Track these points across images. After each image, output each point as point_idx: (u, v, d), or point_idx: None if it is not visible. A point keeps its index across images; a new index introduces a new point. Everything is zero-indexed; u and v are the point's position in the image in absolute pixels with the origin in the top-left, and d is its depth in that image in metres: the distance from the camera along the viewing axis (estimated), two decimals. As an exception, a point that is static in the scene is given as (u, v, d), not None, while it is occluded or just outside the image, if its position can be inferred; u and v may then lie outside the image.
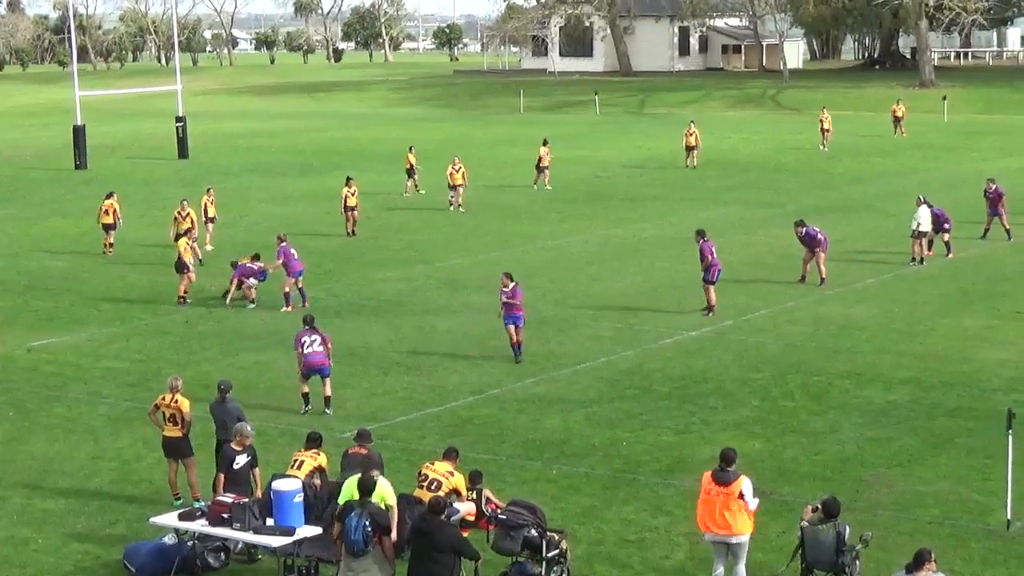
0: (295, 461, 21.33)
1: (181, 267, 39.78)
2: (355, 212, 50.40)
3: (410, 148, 64.21)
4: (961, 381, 30.10)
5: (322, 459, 21.45)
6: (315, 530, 19.75)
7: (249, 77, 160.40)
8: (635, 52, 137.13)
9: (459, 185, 56.26)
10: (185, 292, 39.65)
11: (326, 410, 28.13)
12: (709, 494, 18.97)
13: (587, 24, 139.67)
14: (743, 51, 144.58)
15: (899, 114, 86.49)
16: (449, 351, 33.34)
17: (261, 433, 24.97)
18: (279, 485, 19.94)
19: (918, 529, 21.55)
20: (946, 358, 31.96)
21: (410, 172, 62.06)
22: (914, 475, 24.26)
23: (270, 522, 19.82)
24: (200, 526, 20.24)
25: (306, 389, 28.35)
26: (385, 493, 18.92)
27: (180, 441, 23.16)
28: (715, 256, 36.69)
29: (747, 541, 18.99)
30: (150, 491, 24.02)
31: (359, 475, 18.89)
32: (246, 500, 20.00)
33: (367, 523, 17.90)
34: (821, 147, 77.72)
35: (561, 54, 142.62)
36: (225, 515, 19.93)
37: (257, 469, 21.39)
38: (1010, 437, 21.48)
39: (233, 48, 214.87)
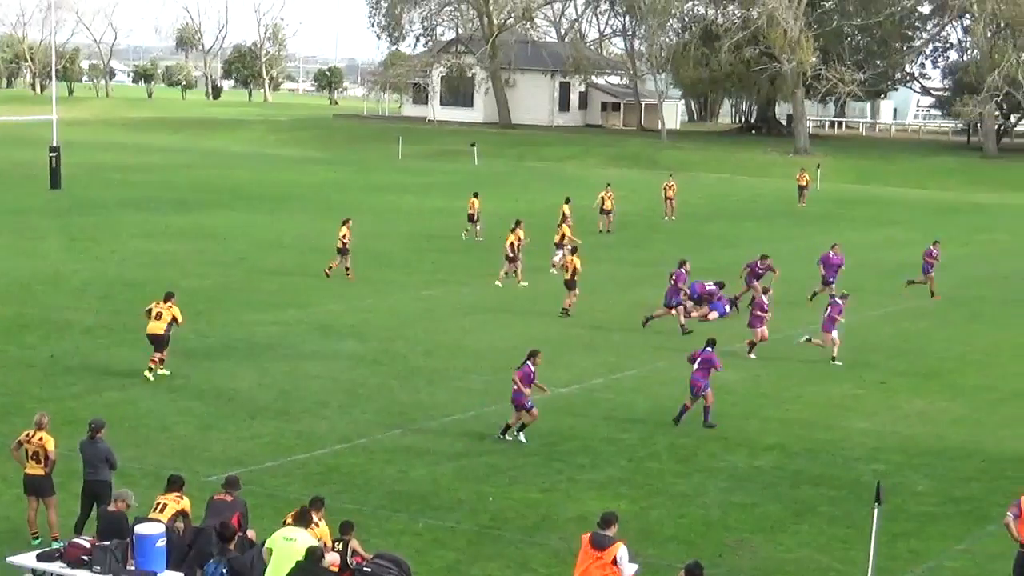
0: (157, 504, 21.04)
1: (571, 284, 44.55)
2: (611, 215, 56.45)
3: (475, 194, 64.82)
4: (825, 449, 30.44)
5: (185, 503, 21.18)
6: (176, 575, 19.50)
7: (126, 110, 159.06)
8: (515, 105, 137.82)
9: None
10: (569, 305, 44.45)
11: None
12: (586, 557, 18.95)
13: (469, 75, 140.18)
14: (622, 109, 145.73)
15: (803, 183, 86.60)
16: (318, 398, 33.13)
17: (124, 474, 24.64)
18: (142, 529, 19.67)
19: (779, 596, 21.75)
20: (811, 425, 32.32)
21: (472, 218, 63.25)
22: (776, 542, 24.46)
23: (131, 566, 19.55)
24: (59, 567, 19.91)
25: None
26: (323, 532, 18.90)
27: (43, 480, 22.75)
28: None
29: (618, 606, 19.01)
30: (7, 529, 23.52)
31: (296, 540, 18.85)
32: (107, 543, 19.70)
33: (224, 570, 17.75)
34: (666, 217, 75.65)
35: (442, 103, 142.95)
36: (85, 557, 19.63)
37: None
38: (876, 510, 21.67)
39: (110, 79, 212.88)
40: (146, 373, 34.06)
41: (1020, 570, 20.94)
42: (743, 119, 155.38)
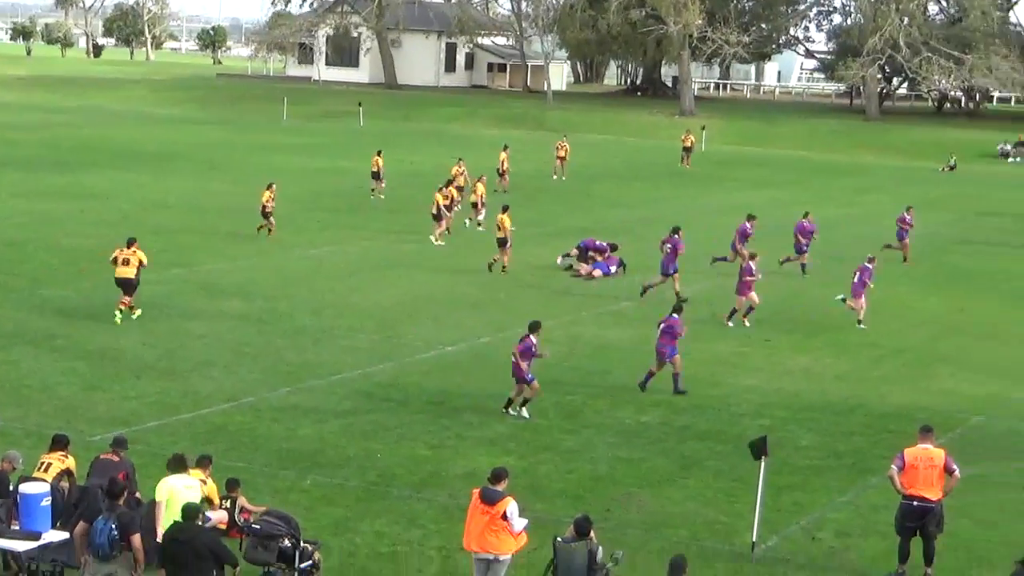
0: (42, 464, 20.80)
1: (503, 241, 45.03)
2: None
3: (379, 152, 64.86)
4: (711, 405, 30.73)
5: (70, 462, 20.95)
6: (62, 535, 19.27)
7: (3, 67, 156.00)
8: (401, 65, 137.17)
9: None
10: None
11: None
12: (475, 511, 18.95)
13: (355, 35, 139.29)
14: (508, 70, 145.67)
15: (687, 144, 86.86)
16: (204, 357, 32.88)
17: (6, 434, 24.33)
18: (26, 488, 19.41)
19: (666, 549, 21.85)
20: (698, 382, 32.50)
21: (376, 175, 63.91)
22: (664, 496, 24.67)
23: (15, 526, 19.31)
24: (-58, 529, 19.61)
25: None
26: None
27: (-78, 439, 22.43)
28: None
29: (508, 560, 19.03)
30: None
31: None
32: (-10, 503, 19.46)
33: (114, 526, 17.55)
34: (555, 176, 75.65)
35: (327, 63, 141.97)
36: (-32, 517, 19.37)
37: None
38: (762, 462, 21.86)
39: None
40: (117, 314, 35.89)
41: (902, 520, 21.26)
42: (629, 81, 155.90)
